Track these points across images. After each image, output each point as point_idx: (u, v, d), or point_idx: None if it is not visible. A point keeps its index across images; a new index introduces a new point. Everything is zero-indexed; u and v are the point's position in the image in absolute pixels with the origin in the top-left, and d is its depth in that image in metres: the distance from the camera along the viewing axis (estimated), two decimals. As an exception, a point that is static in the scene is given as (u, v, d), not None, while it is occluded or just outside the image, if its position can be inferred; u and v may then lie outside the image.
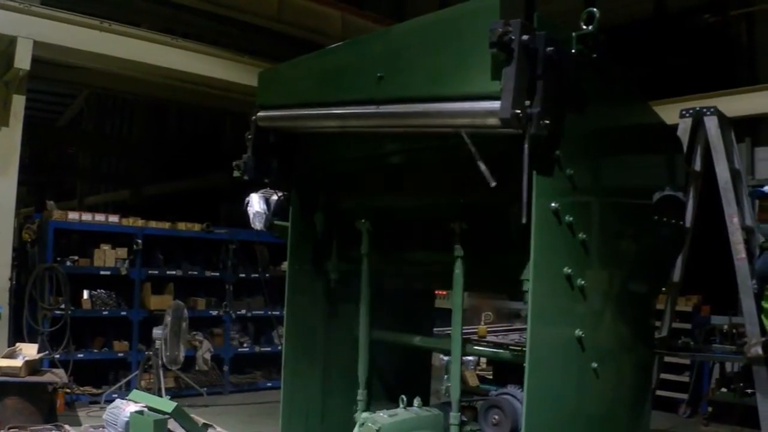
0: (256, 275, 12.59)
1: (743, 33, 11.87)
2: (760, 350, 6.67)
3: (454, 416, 4.64)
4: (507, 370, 5.63)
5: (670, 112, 7.26)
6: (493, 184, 3.69)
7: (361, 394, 5.26)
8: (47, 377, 8.24)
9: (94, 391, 10.72)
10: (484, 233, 4.52)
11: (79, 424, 8.05)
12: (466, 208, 4.56)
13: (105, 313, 11.13)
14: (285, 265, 5.52)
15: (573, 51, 3.71)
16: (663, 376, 9.12)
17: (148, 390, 9.21)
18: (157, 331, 9.95)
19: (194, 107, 18.42)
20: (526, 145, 3.49)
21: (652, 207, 5.02)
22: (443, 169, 4.82)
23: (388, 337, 5.38)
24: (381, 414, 4.58)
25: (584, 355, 3.97)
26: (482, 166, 3.68)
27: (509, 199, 4.11)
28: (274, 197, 5.58)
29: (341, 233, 5.48)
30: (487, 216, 4.52)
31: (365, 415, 4.72)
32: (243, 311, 12.60)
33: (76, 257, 11.01)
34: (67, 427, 7.08)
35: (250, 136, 5.27)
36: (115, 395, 9.15)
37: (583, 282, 3.91)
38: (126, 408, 5.79)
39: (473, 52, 3.65)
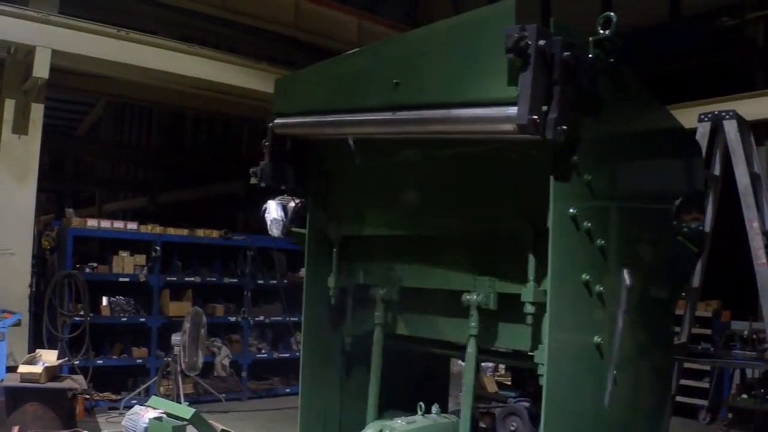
0: (274, 282, 12.61)
1: (760, 35, 11.80)
2: (780, 356, 6.62)
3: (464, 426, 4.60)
4: (526, 377, 5.59)
5: (688, 117, 7.23)
6: None
7: (371, 403, 5.23)
8: (67, 383, 8.28)
9: (113, 397, 10.76)
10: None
11: (99, 430, 8.10)
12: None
13: (124, 319, 11.18)
14: (302, 272, 5.52)
15: (590, 56, 3.70)
16: (683, 382, 9.06)
17: (166, 396, 9.25)
18: (175, 338, 9.98)
19: (211, 115, 18.54)
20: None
21: (671, 212, 4.99)
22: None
23: (405, 344, 5.36)
24: (399, 421, 4.57)
25: (603, 362, 3.95)
26: None
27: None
28: (292, 204, 5.58)
29: (358, 240, 5.46)
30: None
31: (381, 422, 4.71)
32: (261, 317, 12.62)
33: (95, 264, 11.07)
34: (86, 433, 7.11)
35: (267, 143, 5.28)
36: (134, 401, 9.18)
37: (601, 288, 3.89)
38: (145, 414, 5.80)
39: (489, 57, 3.64)
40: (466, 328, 4.42)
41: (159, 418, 5.66)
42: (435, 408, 4.80)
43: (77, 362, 10.15)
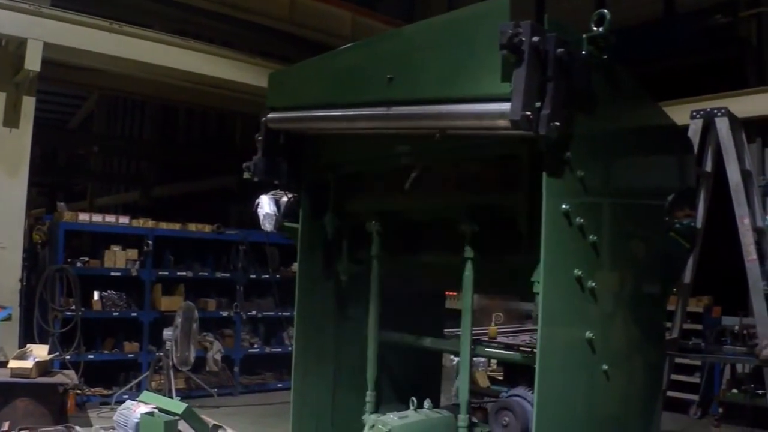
0: (267, 276, 12.62)
1: (753, 34, 11.83)
2: (771, 352, 6.65)
3: (463, 418, 4.63)
4: (517, 372, 5.61)
5: (680, 113, 7.24)
6: None
7: (369, 396, 5.25)
8: (58, 378, 8.26)
9: (105, 392, 10.75)
10: (494, 234, 4.50)
11: (90, 425, 8.07)
12: (476, 209, 4.54)
13: (115, 314, 11.15)
14: (295, 267, 5.53)
15: (583, 52, 3.71)
16: (674, 377, 9.10)
17: (158, 391, 9.24)
18: (167, 332, 9.97)
19: (205, 109, 18.50)
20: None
21: (663, 208, 5.01)
22: (453, 171, 4.82)
23: (399, 339, 5.37)
24: (391, 416, 4.58)
25: (595, 357, 3.96)
26: None
27: (519, 199, 4.12)
28: (284, 199, 5.59)
29: (351, 234, 5.48)
30: (496, 217, 4.50)
31: (374, 416, 4.72)
32: (253, 312, 12.61)
33: (86, 258, 11.04)
34: (77, 428, 7.09)
35: (260, 138, 5.28)
36: (126, 396, 9.17)
37: (593, 284, 3.91)
38: (136, 409, 5.79)
39: (483, 53, 3.65)
40: (458, 260, 4.52)
41: (151, 413, 5.66)
42: (427, 403, 4.81)
43: (68, 357, 10.12)
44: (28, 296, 10.33)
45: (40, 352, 8.47)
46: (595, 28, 3.71)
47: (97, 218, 11.40)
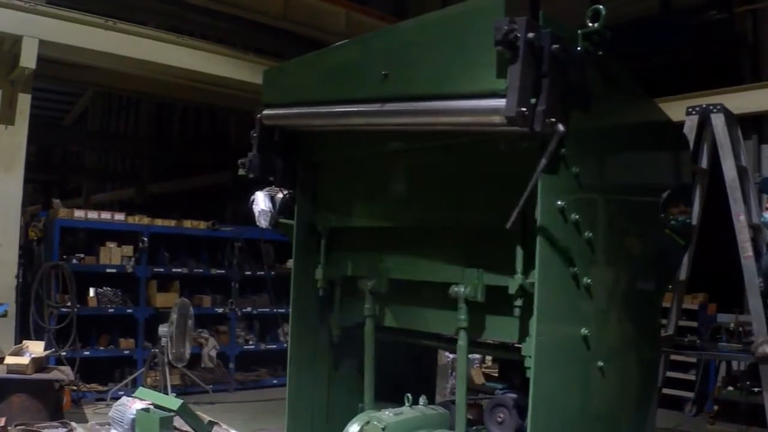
0: (262, 273, 12.62)
1: (749, 30, 11.84)
2: (767, 349, 6.66)
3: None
4: (513, 369, 5.61)
5: (676, 110, 7.26)
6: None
7: (368, 394, 5.23)
8: (54, 374, 8.26)
9: (101, 388, 10.74)
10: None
11: (86, 421, 8.09)
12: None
13: (111, 310, 11.15)
14: (290, 263, 5.51)
15: (579, 48, 3.70)
16: (669, 374, 9.13)
17: (154, 387, 9.23)
18: (162, 329, 9.96)
19: (200, 106, 18.49)
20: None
21: (659, 205, 5.02)
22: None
23: (394, 337, 5.36)
24: (386, 413, 4.57)
25: (590, 354, 3.96)
26: None
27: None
28: (279, 195, 5.58)
29: (346, 231, 5.46)
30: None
31: (365, 414, 4.71)
32: (248, 309, 12.62)
33: (82, 255, 11.04)
34: (73, 424, 7.10)
35: (255, 135, 5.26)
36: (122, 392, 9.17)
37: (588, 281, 3.90)
38: (132, 405, 5.80)
39: (478, 49, 3.64)
40: (454, 320, 4.38)
41: (146, 409, 5.66)
42: (422, 399, 4.80)
43: (64, 353, 10.11)
44: (24, 293, 10.32)
45: (35, 348, 8.47)
46: (590, 24, 3.70)
47: (92, 215, 11.40)
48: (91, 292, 11.10)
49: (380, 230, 5.14)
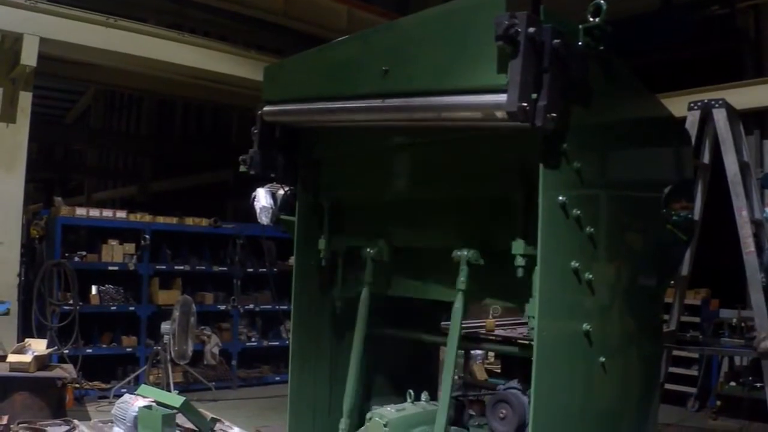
0: (264, 270, 12.63)
1: (751, 25, 11.82)
2: (769, 344, 6.66)
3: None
4: (515, 365, 5.60)
5: (678, 105, 7.24)
6: None
7: (351, 372, 5.19)
8: (56, 372, 8.27)
9: (103, 386, 10.77)
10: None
11: (88, 419, 8.06)
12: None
13: (113, 308, 11.17)
14: (292, 260, 5.50)
15: (580, 44, 3.69)
16: (671, 369, 9.12)
17: (156, 385, 9.23)
18: (165, 326, 9.98)
19: (201, 103, 18.49)
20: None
21: (661, 200, 5.00)
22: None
23: (395, 332, 5.36)
24: (388, 408, 4.57)
25: (592, 350, 3.95)
26: None
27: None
28: (281, 192, 5.57)
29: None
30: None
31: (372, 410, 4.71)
32: (251, 306, 12.64)
33: (84, 253, 11.05)
34: (76, 421, 7.07)
35: (256, 131, 5.25)
36: (124, 390, 9.19)
37: (590, 276, 3.89)
38: (134, 403, 5.78)
39: (479, 45, 3.63)
40: (454, 287, 4.40)
41: (149, 407, 5.65)
42: (424, 395, 4.80)
43: (66, 351, 10.14)
44: (26, 291, 10.36)
45: (38, 346, 8.48)
46: (591, 19, 3.69)
47: (94, 213, 11.44)
48: (94, 289, 11.13)
49: (382, 203, 5.17)
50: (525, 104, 3.38)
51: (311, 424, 5.41)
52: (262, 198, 5.58)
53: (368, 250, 5.03)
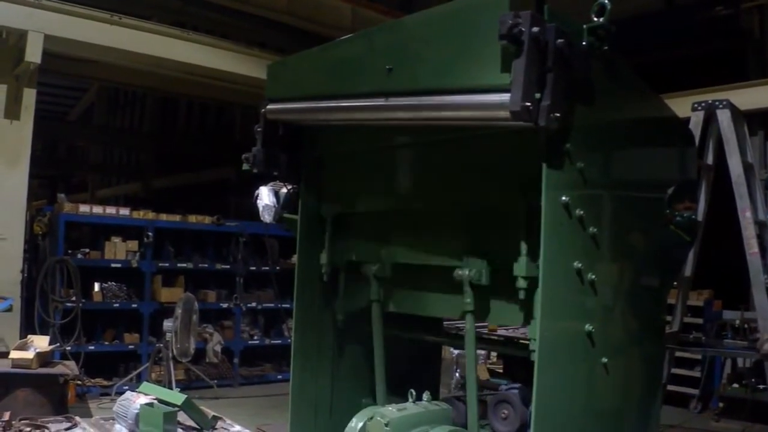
0: (266, 268, 12.65)
1: (755, 25, 11.79)
2: (772, 346, 6.65)
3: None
4: (517, 364, 5.60)
5: (682, 105, 7.22)
6: None
7: (379, 385, 5.21)
8: (58, 369, 8.28)
9: (105, 383, 10.79)
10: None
11: (90, 416, 8.07)
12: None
13: (116, 305, 11.19)
14: (295, 258, 5.50)
15: (584, 43, 3.68)
16: (674, 371, 9.11)
17: (158, 382, 9.25)
18: (167, 324, 9.99)
19: (204, 100, 18.50)
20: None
21: (664, 201, 4.99)
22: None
23: (398, 331, 5.35)
24: (390, 408, 4.56)
25: (594, 350, 3.94)
26: None
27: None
28: (284, 190, 5.57)
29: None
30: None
31: (369, 409, 4.71)
32: (253, 304, 12.65)
33: (87, 250, 11.07)
34: (77, 418, 7.08)
35: (259, 129, 5.25)
36: (126, 387, 9.19)
37: (593, 276, 3.88)
38: (136, 400, 5.79)
39: (483, 44, 3.62)
40: (458, 304, 4.38)
41: (150, 404, 5.66)
42: (426, 395, 4.79)
43: (69, 348, 10.15)
44: (29, 287, 10.36)
45: (40, 343, 8.49)
46: (595, 19, 3.68)
47: (97, 210, 11.45)
48: (96, 286, 11.15)
49: (384, 215, 5.14)
50: (528, 104, 3.37)
51: (313, 423, 5.41)
52: (264, 196, 5.58)
53: (371, 267, 5.03)
